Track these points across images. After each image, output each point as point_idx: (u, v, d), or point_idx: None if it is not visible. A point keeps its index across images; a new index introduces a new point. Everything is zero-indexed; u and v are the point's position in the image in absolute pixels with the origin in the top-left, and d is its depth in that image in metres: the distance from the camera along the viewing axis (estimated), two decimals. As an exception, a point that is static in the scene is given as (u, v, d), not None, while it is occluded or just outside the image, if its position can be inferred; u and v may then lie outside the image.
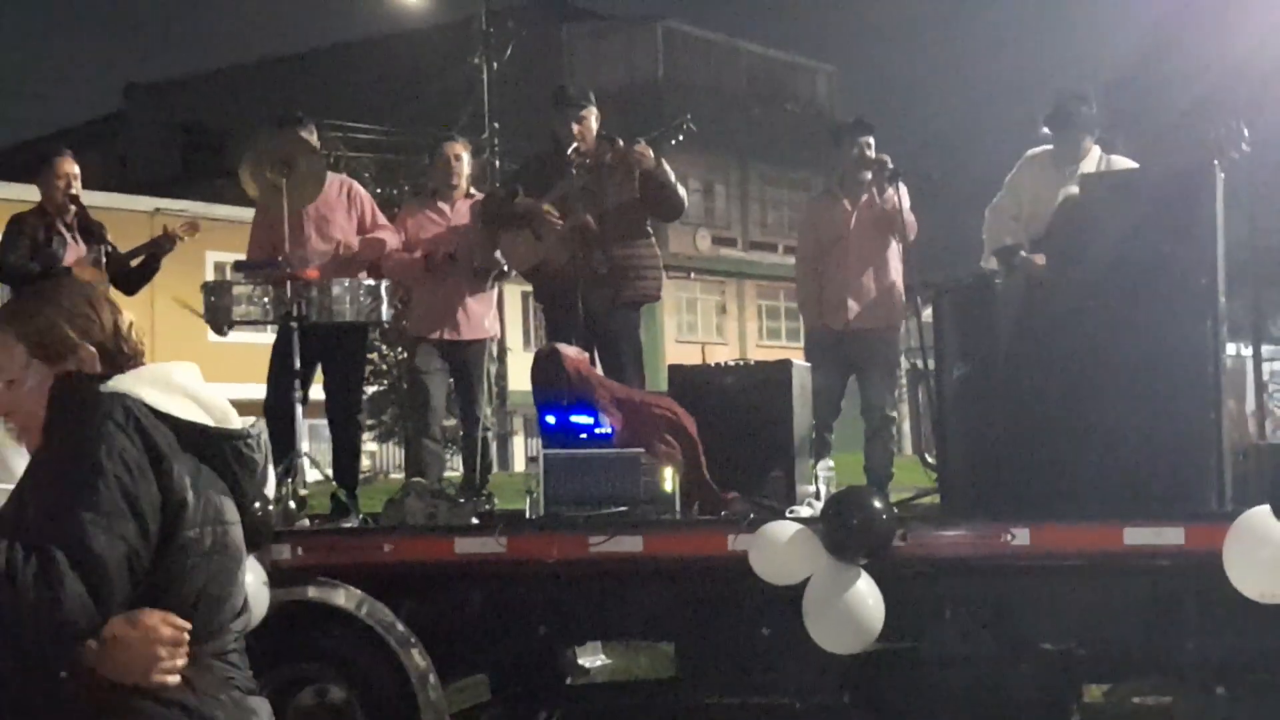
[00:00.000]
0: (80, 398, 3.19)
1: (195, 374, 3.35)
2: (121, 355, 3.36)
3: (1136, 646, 6.53)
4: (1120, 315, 6.61)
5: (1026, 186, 8.34)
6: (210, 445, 3.27)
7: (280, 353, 8.47)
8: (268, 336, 8.91)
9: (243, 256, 9.01)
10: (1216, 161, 6.69)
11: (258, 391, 8.54)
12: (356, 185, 9.23)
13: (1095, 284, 6.73)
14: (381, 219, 9.09)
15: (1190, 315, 6.51)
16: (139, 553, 3.06)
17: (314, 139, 8.94)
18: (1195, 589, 6.26)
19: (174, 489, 3.14)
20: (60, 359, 3.32)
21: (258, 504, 3.48)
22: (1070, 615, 6.60)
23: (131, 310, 3.52)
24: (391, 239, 8.96)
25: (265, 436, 3.53)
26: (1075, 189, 8.13)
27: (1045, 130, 8.48)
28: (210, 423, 3.27)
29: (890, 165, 9.10)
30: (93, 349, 3.34)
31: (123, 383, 3.23)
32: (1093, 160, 8.29)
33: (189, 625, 3.10)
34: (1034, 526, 6.29)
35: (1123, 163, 8.16)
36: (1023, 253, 7.88)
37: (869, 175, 9.28)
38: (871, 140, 9.36)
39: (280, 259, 8.26)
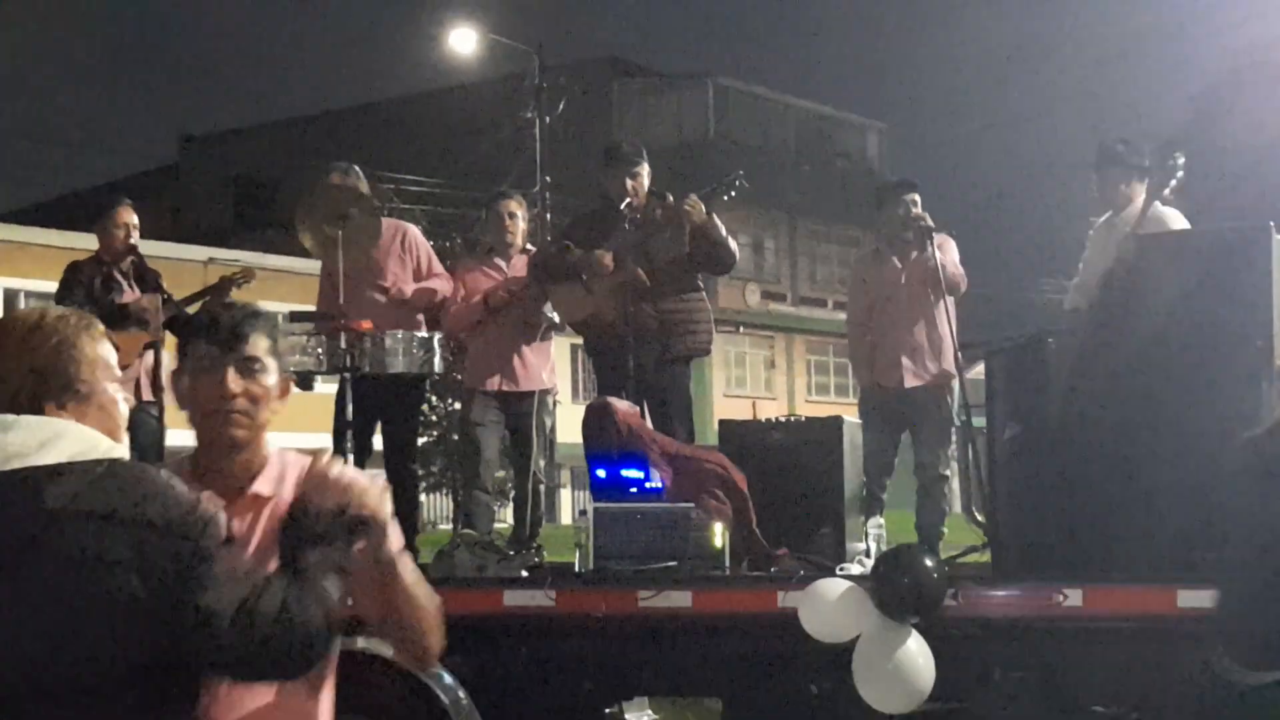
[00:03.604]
0: None
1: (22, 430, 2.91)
2: (45, 387, 2.98)
3: (1189, 711, 6.45)
4: (1174, 377, 6.57)
5: (1092, 256, 8.35)
6: None
7: (338, 405, 8.48)
8: (321, 386, 8.88)
9: (295, 307, 9.06)
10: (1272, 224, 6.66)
11: (309, 441, 8.52)
12: (412, 231, 9.19)
13: (1148, 345, 6.70)
14: (437, 267, 9.10)
15: (1245, 377, 6.46)
16: None
17: (364, 186, 8.90)
18: (1249, 654, 6.19)
19: None
20: None
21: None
22: (1122, 678, 6.53)
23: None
24: (444, 287, 8.98)
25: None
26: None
27: (1094, 177, 8.48)
28: None
29: (925, 222, 9.02)
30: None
31: None
32: (1136, 207, 8.20)
33: None
34: (1087, 588, 6.25)
35: (1173, 216, 8.04)
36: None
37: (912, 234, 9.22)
38: (917, 198, 9.23)
39: (333, 310, 8.31)
